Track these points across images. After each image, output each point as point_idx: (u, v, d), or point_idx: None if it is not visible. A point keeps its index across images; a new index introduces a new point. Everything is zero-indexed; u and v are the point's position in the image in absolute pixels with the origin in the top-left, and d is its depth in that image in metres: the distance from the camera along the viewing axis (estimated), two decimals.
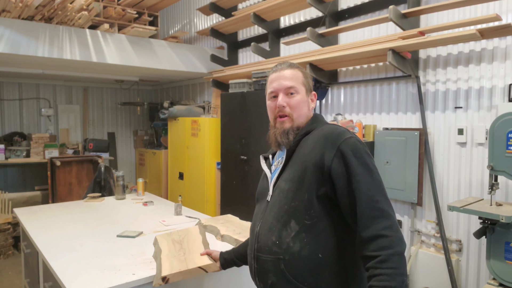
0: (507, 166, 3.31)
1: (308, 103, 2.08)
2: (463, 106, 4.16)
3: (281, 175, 1.99)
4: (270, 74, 2.12)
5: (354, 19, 5.19)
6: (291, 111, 2.00)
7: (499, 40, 3.89)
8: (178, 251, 2.65)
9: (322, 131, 1.93)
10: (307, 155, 1.88)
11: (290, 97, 2.01)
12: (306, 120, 2.05)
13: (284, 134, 1.99)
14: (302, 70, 2.10)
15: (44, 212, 4.06)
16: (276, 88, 2.03)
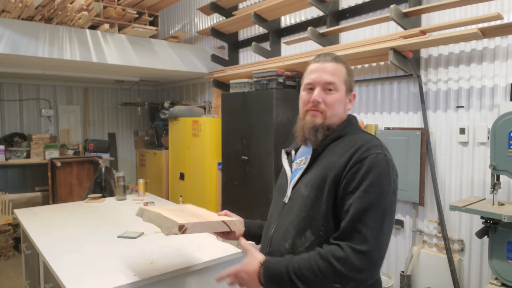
0: (509, 166, 3.30)
1: (346, 103, 1.93)
2: (465, 106, 4.15)
3: (302, 178, 1.88)
4: (311, 62, 1.96)
5: (355, 18, 5.18)
6: (326, 108, 1.86)
7: (500, 39, 3.88)
8: (184, 215, 2.14)
9: (354, 141, 1.80)
10: (332, 163, 1.76)
11: (328, 93, 1.87)
12: (339, 122, 1.91)
13: (313, 131, 1.86)
14: (347, 66, 1.95)
15: (45, 213, 4.05)
16: (314, 80, 1.88)
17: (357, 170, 1.67)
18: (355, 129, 1.92)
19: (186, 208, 2.38)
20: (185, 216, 2.09)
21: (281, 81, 5.33)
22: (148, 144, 9.77)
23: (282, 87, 5.35)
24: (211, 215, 2.18)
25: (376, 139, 1.81)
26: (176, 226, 1.88)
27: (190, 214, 2.16)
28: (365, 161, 1.68)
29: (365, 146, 1.73)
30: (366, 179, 1.65)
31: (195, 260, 2.71)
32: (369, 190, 1.63)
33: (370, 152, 1.70)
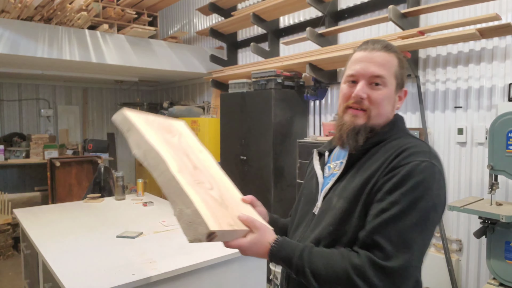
0: (507, 166, 3.31)
1: (395, 101, 1.64)
2: (463, 106, 4.15)
3: (336, 186, 1.60)
4: (356, 50, 1.66)
5: (354, 19, 5.19)
6: (371, 106, 1.56)
7: (498, 39, 3.89)
8: (195, 173, 1.62)
9: (398, 145, 1.51)
10: (372, 172, 1.49)
11: (374, 88, 1.56)
12: (385, 122, 1.61)
13: (353, 134, 1.56)
14: (400, 56, 1.63)
15: (44, 213, 4.06)
16: (359, 72, 1.58)
17: (391, 177, 1.42)
18: (402, 132, 1.63)
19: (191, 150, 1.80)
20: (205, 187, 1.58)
21: (279, 82, 5.34)
22: None
23: (280, 87, 5.36)
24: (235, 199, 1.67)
25: (425, 145, 1.54)
26: (204, 233, 1.36)
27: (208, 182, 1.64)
28: (403, 168, 1.42)
29: (409, 151, 1.46)
30: (399, 189, 1.39)
31: (195, 259, 2.71)
32: (399, 202, 1.37)
33: (412, 158, 1.43)
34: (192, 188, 1.47)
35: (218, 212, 1.44)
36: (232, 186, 1.72)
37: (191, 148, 1.79)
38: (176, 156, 1.60)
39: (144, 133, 1.65)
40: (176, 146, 1.71)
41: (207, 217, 1.37)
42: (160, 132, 1.74)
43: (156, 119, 1.85)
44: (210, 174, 1.68)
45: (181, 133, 1.87)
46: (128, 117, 1.75)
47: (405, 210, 1.36)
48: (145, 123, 1.75)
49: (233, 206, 1.56)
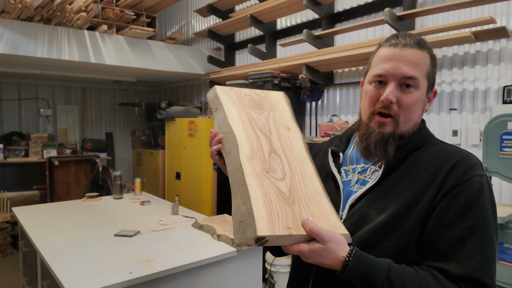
0: (501, 168, 3.33)
1: (425, 104, 1.45)
2: (458, 108, 4.19)
3: (368, 195, 1.40)
4: (383, 45, 1.45)
5: (350, 21, 5.23)
6: (400, 111, 1.38)
7: (493, 42, 3.92)
8: (269, 159, 1.45)
9: (444, 154, 1.36)
10: (420, 184, 1.31)
11: (405, 91, 1.37)
12: (414, 127, 1.43)
13: (381, 143, 1.39)
14: (432, 53, 1.43)
15: (43, 211, 4.08)
16: (389, 72, 1.37)
17: (455, 196, 1.26)
18: (434, 137, 1.49)
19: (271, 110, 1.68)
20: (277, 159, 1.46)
21: (276, 83, 5.37)
22: (145, 144, 9.79)
23: (277, 88, 5.38)
24: (311, 190, 1.40)
25: (470, 153, 1.37)
26: (252, 238, 1.20)
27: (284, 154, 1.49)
28: (466, 185, 1.27)
29: (464, 163, 1.31)
30: (470, 212, 1.25)
31: (191, 258, 2.73)
32: (477, 228, 1.23)
33: (471, 173, 1.29)
34: (257, 179, 1.35)
35: (278, 211, 1.27)
36: (313, 173, 1.45)
37: (278, 126, 1.60)
38: (254, 139, 1.49)
39: (227, 113, 1.57)
40: (260, 125, 1.57)
41: (260, 218, 1.22)
42: (248, 110, 1.63)
43: (249, 94, 1.71)
44: (289, 158, 1.47)
45: (273, 107, 1.68)
46: (218, 95, 1.66)
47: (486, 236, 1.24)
48: (234, 101, 1.65)
49: (302, 202, 1.33)
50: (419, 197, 1.29)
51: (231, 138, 1.49)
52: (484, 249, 1.21)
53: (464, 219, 1.24)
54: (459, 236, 1.23)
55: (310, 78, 5.27)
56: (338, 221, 1.31)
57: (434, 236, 1.25)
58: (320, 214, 1.30)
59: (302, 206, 1.31)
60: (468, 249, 1.21)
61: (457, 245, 1.22)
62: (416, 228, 1.27)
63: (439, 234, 1.25)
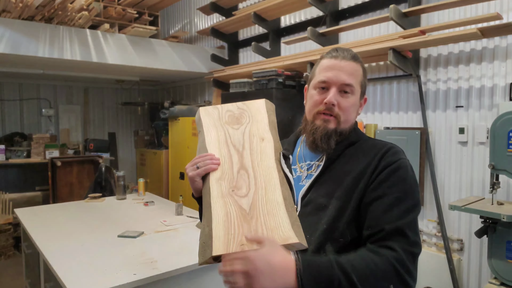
0: (508, 165, 3.31)
1: (358, 108, 1.74)
2: (464, 105, 4.15)
3: (314, 187, 1.64)
4: (325, 57, 1.73)
5: (355, 18, 5.19)
6: (340, 112, 1.65)
7: (500, 39, 3.89)
8: (237, 176, 1.63)
9: (375, 146, 1.67)
10: (357, 170, 1.59)
11: (344, 96, 1.65)
12: (351, 127, 1.72)
13: (326, 137, 1.64)
14: (364, 66, 1.74)
15: (45, 213, 4.07)
16: (331, 80, 1.65)
17: (388, 173, 1.54)
18: (364, 135, 1.79)
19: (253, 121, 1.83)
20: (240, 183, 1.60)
21: (281, 81, 5.34)
22: (148, 143, 9.77)
23: (282, 87, 5.36)
24: (273, 203, 1.52)
25: (394, 144, 1.69)
26: (210, 257, 1.37)
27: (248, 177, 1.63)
28: (396, 164, 1.56)
29: (392, 150, 1.62)
30: (403, 183, 1.53)
31: (195, 259, 2.71)
32: (408, 194, 1.52)
33: (398, 156, 1.59)
34: (222, 200, 1.53)
35: (235, 229, 1.42)
36: (277, 183, 1.58)
37: (253, 138, 1.76)
38: (226, 158, 1.69)
39: (206, 136, 1.79)
40: (235, 141, 1.75)
41: (217, 238, 1.39)
42: (226, 127, 1.81)
43: (231, 109, 1.89)
44: (256, 172, 1.63)
45: (252, 119, 1.85)
46: (201, 118, 1.87)
47: (410, 201, 1.51)
48: (215, 121, 1.84)
49: (260, 216, 1.46)
50: (358, 179, 1.56)
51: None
52: (409, 214, 1.48)
53: (394, 191, 1.51)
54: (390, 203, 1.48)
55: None
56: (290, 231, 1.41)
57: (370, 204, 1.51)
58: (275, 226, 1.43)
59: (259, 221, 1.45)
60: (395, 213, 1.46)
61: (388, 210, 1.47)
62: (356, 203, 1.53)
63: (375, 203, 1.50)
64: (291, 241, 1.37)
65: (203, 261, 1.40)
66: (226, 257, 1.31)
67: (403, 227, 1.44)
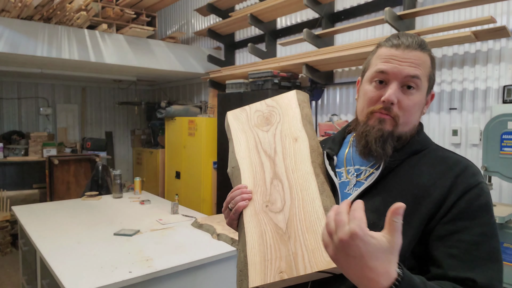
0: (501, 167, 3.33)
1: (423, 107, 1.39)
2: (458, 107, 4.18)
3: (365, 198, 1.30)
4: (383, 44, 1.39)
5: (350, 20, 5.22)
6: (400, 113, 1.32)
7: (493, 42, 3.92)
8: (270, 187, 1.44)
9: (444, 159, 1.34)
10: (422, 188, 1.27)
11: (407, 93, 1.32)
12: (412, 130, 1.38)
13: (381, 141, 1.31)
14: (432, 55, 1.39)
15: (42, 210, 4.08)
16: (392, 72, 1.31)
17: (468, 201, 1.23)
18: (432, 142, 1.44)
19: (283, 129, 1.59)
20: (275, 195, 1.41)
21: (276, 82, 5.37)
22: (145, 143, 9.78)
23: (277, 87, 5.38)
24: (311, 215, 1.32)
25: (471, 161, 1.36)
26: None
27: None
28: (478, 189, 1.25)
29: (471, 170, 1.30)
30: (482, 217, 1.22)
31: (191, 257, 2.74)
32: (493, 228, 1.22)
33: (479, 179, 1.27)
34: (255, 218, 1.37)
35: (272, 253, 1.26)
36: (315, 192, 1.35)
37: (285, 140, 1.54)
38: (257, 167, 1.50)
39: (235, 144, 1.62)
40: (266, 146, 1.55)
41: (253, 267, 1.25)
42: (256, 130, 1.62)
43: (259, 109, 1.69)
44: (291, 181, 1.42)
45: (282, 116, 1.62)
46: (229, 124, 1.70)
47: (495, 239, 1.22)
48: (243, 125, 1.66)
49: (298, 234, 1.28)
50: (421, 200, 1.25)
51: (237, 174, 1.53)
52: (497, 256, 1.19)
53: (477, 224, 1.21)
54: (474, 241, 1.19)
55: (310, 77, 5.27)
56: None
57: (448, 240, 1.21)
58: (316, 247, 1.23)
59: (297, 241, 1.26)
60: (483, 257, 1.17)
61: (473, 251, 1.18)
62: (419, 232, 1.23)
63: (453, 238, 1.20)
64: (334, 265, 1.15)
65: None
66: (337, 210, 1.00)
67: (497, 285, 1.16)
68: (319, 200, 1.32)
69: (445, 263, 1.18)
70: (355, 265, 0.97)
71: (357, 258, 0.95)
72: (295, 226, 1.30)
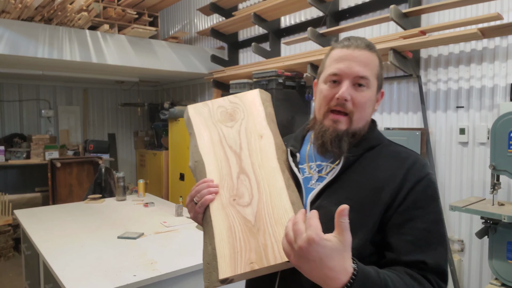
0: (509, 166, 3.30)
1: (374, 103, 1.54)
2: (465, 106, 4.15)
3: (326, 192, 1.45)
4: (335, 47, 1.53)
5: (355, 18, 5.18)
6: (354, 109, 1.45)
7: (500, 39, 3.88)
8: (237, 182, 1.50)
9: (397, 153, 1.49)
10: (380, 180, 1.40)
11: (358, 90, 1.45)
12: (365, 126, 1.52)
13: (336, 141, 1.45)
14: (379, 55, 1.54)
15: (45, 214, 4.06)
16: (344, 71, 1.45)
17: (419, 191, 1.38)
18: (385, 138, 1.59)
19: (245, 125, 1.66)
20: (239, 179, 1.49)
21: (281, 82, 5.34)
22: (148, 144, 9.77)
23: (282, 87, 5.35)
24: (279, 208, 1.39)
25: (417, 153, 1.53)
26: (217, 280, 1.28)
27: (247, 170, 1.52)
28: (426, 180, 1.40)
29: (419, 162, 1.45)
30: (431, 206, 1.38)
31: (195, 260, 2.72)
32: (440, 216, 1.39)
33: (426, 171, 1.43)
34: (223, 212, 1.41)
35: (242, 246, 1.31)
36: (283, 187, 1.44)
37: (250, 136, 1.61)
38: (223, 162, 1.54)
39: (198, 138, 1.64)
40: (231, 141, 1.60)
41: (222, 259, 1.29)
42: (219, 126, 1.66)
43: (223, 105, 1.73)
44: (258, 176, 1.49)
45: (247, 113, 1.69)
46: (190, 118, 1.73)
47: (442, 225, 1.39)
48: (206, 120, 1.70)
49: (267, 227, 1.35)
50: (379, 191, 1.38)
51: (201, 168, 1.56)
52: (444, 240, 1.37)
53: (428, 212, 1.36)
54: (426, 228, 1.34)
55: (314, 76, 5.22)
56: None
57: (403, 227, 1.35)
58: None
59: (267, 233, 1.33)
60: (434, 241, 1.34)
61: (425, 236, 1.33)
62: (378, 221, 1.36)
63: (408, 225, 1.34)
64: None
65: (210, 285, 1.29)
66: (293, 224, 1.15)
67: (444, 265, 1.33)
68: (286, 194, 1.41)
69: (400, 248, 1.33)
70: (316, 268, 1.10)
71: (317, 261, 1.09)
72: (263, 219, 1.37)
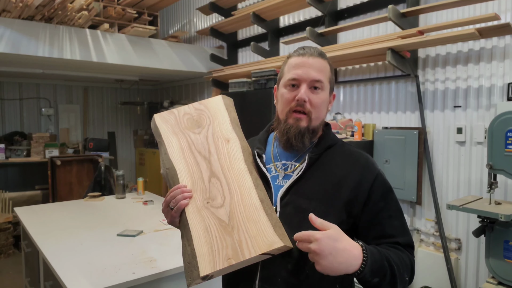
0: (506, 165, 3.32)
1: (328, 104, 1.74)
2: (462, 105, 4.17)
3: (294, 188, 1.63)
4: (292, 55, 1.72)
5: (354, 18, 5.20)
6: (312, 109, 1.64)
7: (498, 39, 3.90)
8: (209, 186, 1.61)
9: (350, 152, 1.72)
10: (339, 176, 1.62)
11: (314, 92, 1.64)
12: (321, 125, 1.73)
13: (300, 136, 1.64)
14: (330, 62, 1.74)
15: (45, 212, 4.07)
16: (301, 76, 1.63)
17: (376, 188, 1.63)
18: (338, 139, 1.81)
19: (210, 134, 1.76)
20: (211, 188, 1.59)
21: None
22: (148, 143, 9.78)
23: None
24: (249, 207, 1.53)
25: (366, 153, 1.78)
26: (198, 278, 1.38)
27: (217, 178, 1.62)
28: (380, 175, 1.66)
29: (370, 161, 1.70)
30: (390, 197, 1.67)
31: None
32: (398, 203, 1.70)
33: (377, 168, 1.68)
34: (198, 214, 1.52)
35: (218, 244, 1.44)
36: (251, 186, 1.58)
37: (217, 141, 1.73)
38: (194, 167, 1.66)
39: (167, 146, 1.73)
40: (199, 147, 1.72)
41: (202, 257, 1.42)
42: (187, 133, 1.76)
43: (188, 112, 1.84)
44: (228, 178, 1.61)
45: (212, 119, 1.80)
46: (157, 126, 1.81)
47: (401, 211, 1.70)
48: (173, 127, 1.79)
49: (241, 224, 1.48)
50: (339, 186, 1.60)
51: (173, 174, 1.66)
52: (405, 222, 1.67)
53: (390, 202, 1.65)
54: (391, 216, 1.62)
55: None
56: (274, 236, 1.43)
57: (375, 219, 1.61)
58: (257, 233, 1.45)
59: (240, 230, 1.46)
60: (399, 225, 1.63)
61: (392, 223, 1.62)
62: (342, 212, 1.58)
63: (378, 217, 1.61)
64: (276, 246, 1.40)
65: (192, 282, 1.40)
66: (298, 238, 1.36)
67: (410, 240, 1.64)
68: (255, 193, 1.55)
69: (375, 235, 1.61)
70: (336, 255, 1.33)
71: (332, 250, 1.32)
72: (236, 217, 1.50)
